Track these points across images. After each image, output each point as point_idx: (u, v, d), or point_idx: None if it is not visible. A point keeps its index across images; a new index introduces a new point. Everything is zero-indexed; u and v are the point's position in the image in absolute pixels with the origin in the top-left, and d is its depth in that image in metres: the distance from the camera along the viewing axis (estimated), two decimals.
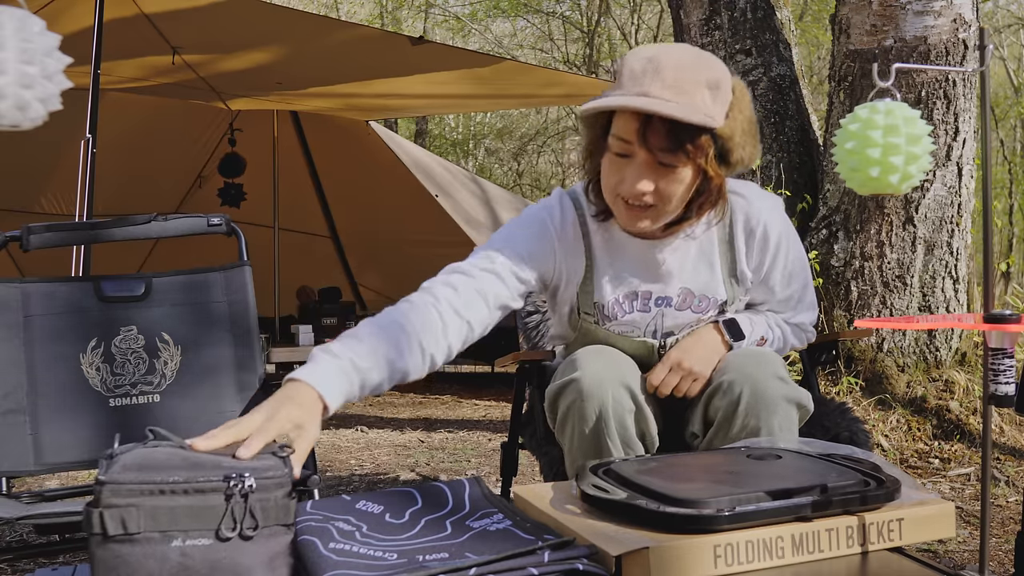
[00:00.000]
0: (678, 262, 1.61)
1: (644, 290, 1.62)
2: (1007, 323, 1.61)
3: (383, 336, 1.37)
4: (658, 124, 1.39)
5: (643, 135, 1.41)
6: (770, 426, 1.49)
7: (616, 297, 1.62)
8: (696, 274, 1.62)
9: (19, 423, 1.85)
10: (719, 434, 1.54)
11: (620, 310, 1.63)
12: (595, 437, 1.52)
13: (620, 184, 1.47)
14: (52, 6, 4.16)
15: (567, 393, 1.54)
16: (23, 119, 1.12)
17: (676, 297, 1.63)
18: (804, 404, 1.54)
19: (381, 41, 5.18)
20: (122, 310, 1.97)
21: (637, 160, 1.44)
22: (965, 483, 3.06)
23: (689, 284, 1.62)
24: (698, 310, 1.64)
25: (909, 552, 1.12)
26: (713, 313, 1.65)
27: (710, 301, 1.64)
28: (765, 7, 4.07)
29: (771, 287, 1.69)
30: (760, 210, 1.62)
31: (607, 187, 1.51)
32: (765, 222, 1.62)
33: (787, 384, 1.52)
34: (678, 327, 1.65)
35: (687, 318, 1.64)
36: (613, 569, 1.03)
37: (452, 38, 15.27)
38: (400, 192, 6.73)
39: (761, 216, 1.62)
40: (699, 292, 1.62)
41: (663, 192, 1.45)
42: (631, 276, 1.62)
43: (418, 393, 6.43)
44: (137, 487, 1.03)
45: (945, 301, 3.53)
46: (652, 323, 1.64)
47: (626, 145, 1.43)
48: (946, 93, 3.42)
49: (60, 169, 6.14)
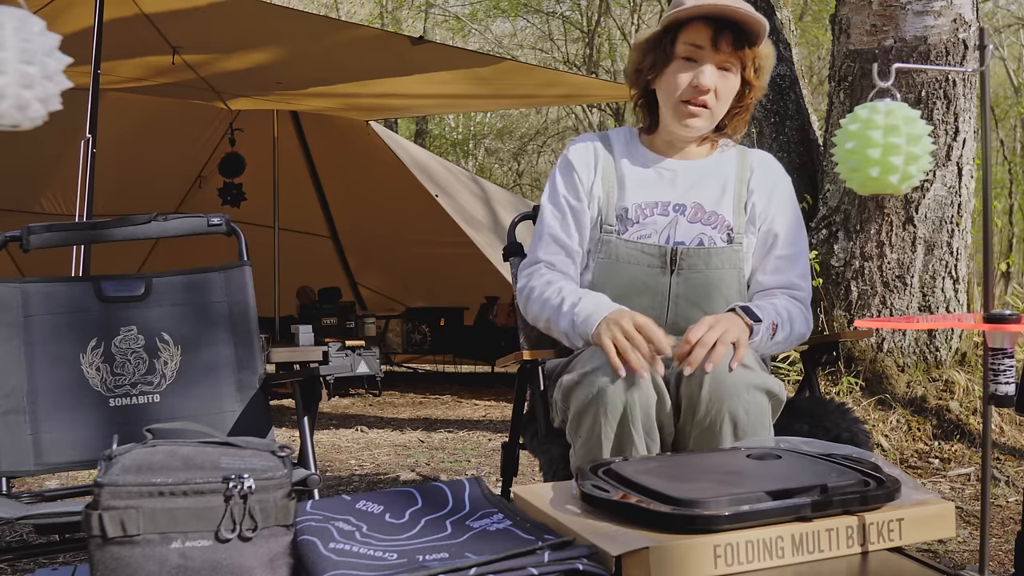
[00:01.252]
0: (694, 179, 1.82)
1: (664, 200, 1.80)
2: (1007, 323, 1.61)
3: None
4: (727, 32, 1.70)
5: (715, 40, 1.70)
6: (735, 413, 1.49)
7: (639, 203, 1.80)
8: (709, 192, 1.81)
9: (19, 423, 1.85)
10: (688, 421, 1.55)
11: (642, 214, 1.79)
12: (621, 426, 1.51)
13: (688, 84, 1.73)
14: (52, 6, 4.16)
15: (588, 382, 1.52)
16: (23, 119, 1.12)
17: (690, 207, 1.79)
18: (773, 391, 1.55)
19: (381, 41, 5.18)
20: (122, 310, 1.97)
21: (705, 63, 1.72)
22: (965, 483, 3.06)
23: (702, 200, 1.80)
24: (708, 223, 1.78)
25: (909, 552, 1.12)
26: (721, 234, 1.77)
27: (719, 219, 1.79)
28: (765, 7, 4.07)
29: (775, 234, 1.81)
30: (776, 167, 1.89)
31: (672, 90, 1.75)
32: (778, 175, 1.87)
33: (749, 371, 1.52)
34: (688, 237, 1.77)
35: (697, 229, 1.78)
36: (613, 569, 1.03)
37: (452, 38, 15.27)
38: (400, 192, 6.73)
39: (776, 170, 1.88)
40: (710, 208, 1.80)
41: (721, 92, 1.75)
42: (653, 186, 1.82)
43: (418, 393, 6.44)
44: (136, 489, 1.03)
45: (945, 301, 3.53)
46: (667, 229, 1.78)
47: (697, 51, 1.72)
48: (946, 93, 3.42)
49: (60, 169, 6.14)
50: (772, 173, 1.87)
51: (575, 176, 1.84)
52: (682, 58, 1.73)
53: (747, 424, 1.49)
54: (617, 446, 1.52)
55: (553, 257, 1.83)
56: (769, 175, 1.86)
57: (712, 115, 1.77)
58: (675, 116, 1.77)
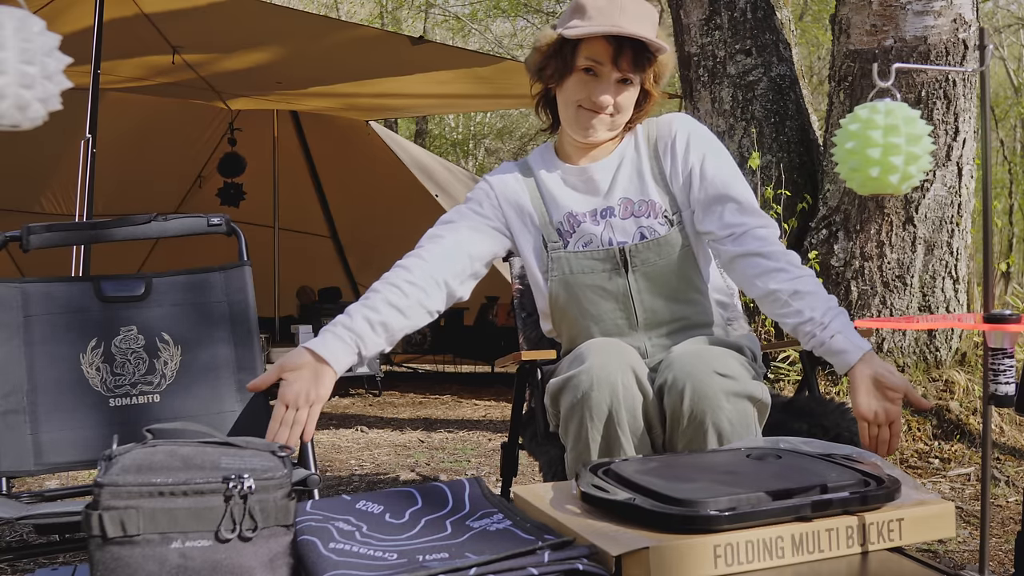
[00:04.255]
0: (611, 177, 1.80)
1: (591, 208, 1.79)
2: (1007, 323, 1.61)
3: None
4: (628, 49, 1.68)
5: (615, 57, 1.69)
6: (718, 423, 1.49)
7: (570, 212, 1.79)
8: (630, 184, 1.79)
9: (19, 423, 1.85)
10: (674, 431, 1.55)
11: (574, 221, 1.78)
12: (607, 428, 1.51)
13: (587, 97, 1.72)
14: (52, 6, 4.16)
15: (574, 384, 1.53)
16: (23, 119, 1.12)
17: (618, 207, 1.77)
18: (756, 396, 1.54)
19: (381, 41, 5.19)
20: (122, 310, 1.97)
21: (604, 78, 1.71)
22: (965, 483, 3.06)
23: (627, 193, 1.78)
24: (640, 214, 1.76)
25: (909, 552, 1.12)
26: (659, 220, 1.74)
27: (649, 204, 1.76)
28: (765, 7, 4.07)
29: (714, 183, 1.73)
30: (671, 120, 1.84)
31: (571, 101, 1.75)
32: (674, 125, 1.82)
33: (729, 379, 1.52)
34: (628, 235, 1.75)
35: (632, 225, 1.76)
36: (613, 569, 1.03)
37: (452, 38, 15.27)
38: (400, 192, 6.73)
39: (672, 123, 1.83)
40: (637, 198, 1.78)
41: (620, 104, 1.74)
42: (577, 196, 1.80)
43: (418, 393, 6.44)
44: (136, 489, 1.03)
45: (945, 301, 3.53)
46: (605, 232, 1.76)
47: (597, 66, 1.70)
48: (946, 93, 3.42)
49: (60, 169, 6.14)
50: (670, 128, 1.82)
51: (486, 193, 1.83)
52: (582, 69, 1.72)
53: (731, 434, 1.49)
54: (605, 449, 1.52)
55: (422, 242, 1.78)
56: (667, 130, 1.81)
57: (614, 122, 1.76)
58: (576, 123, 1.76)
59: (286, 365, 1.52)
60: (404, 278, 1.67)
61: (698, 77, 4.08)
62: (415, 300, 1.66)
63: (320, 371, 1.52)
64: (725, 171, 1.75)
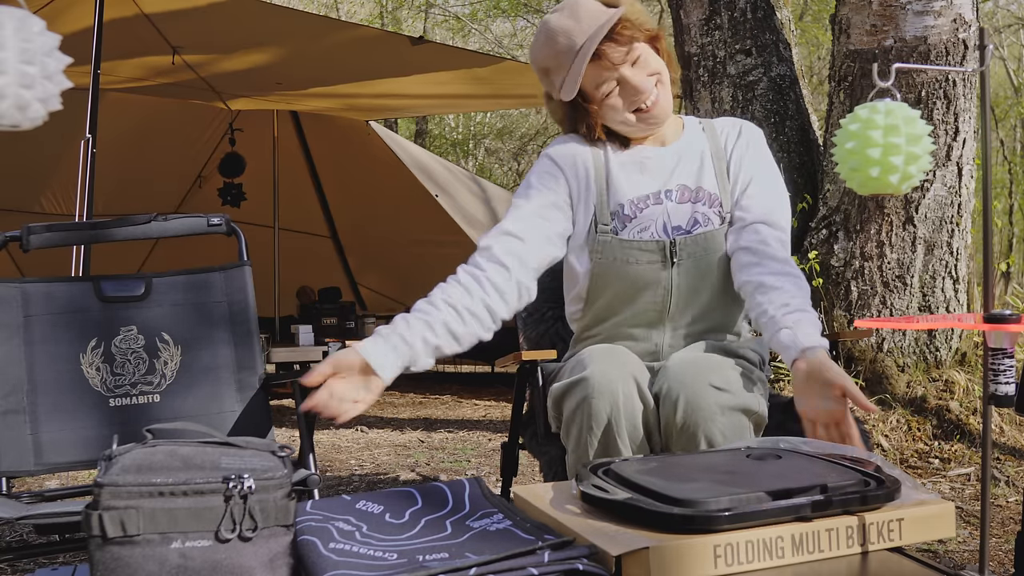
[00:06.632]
0: (672, 163, 1.80)
1: (654, 191, 1.77)
2: (1007, 323, 1.61)
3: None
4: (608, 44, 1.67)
5: (611, 59, 1.69)
6: (710, 436, 1.50)
7: (632, 198, 1.76)
8: (689, 171, 1.79)
9: (19, 423, 1.85)
10: (667, 440, 1.56)
11: (635, 208, 1.76)
12: (605, 436, 1.52)
13: (630, 103, 1.72)
14: (52, 6, 4.16)
15: (575, 391, 1.54)
16: (23, 119, 1.12)
17: (675, 191, 1.77)
18: (752, 409, 1.54)
19: (381, 41, 5.18)
20: (122, 310, 1.97)
21: (623, 78, 1.71)
22: (965, 483, 3.06)
23: (685, 180, 1.78)
24: (696, 200, 1.76)
25: (909, 552, 1.12)
26: (714, 210, 1.75)
27: (705, 193, 1.77)
28: (765, 7, 4.07)
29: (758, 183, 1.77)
30: (739, 121, 1.87)
31: (622, 118, 1.74)
32: (743, 125, 1.86)
33: (724, 392, 1.52)
34: (683, 219, 1.75)
35: (687, 210, 1.76)
36: (613, 569, 1.03)
37: (452, 38, 15.26)
38: (400, 192, 6.73)
39: (739, 123, 1.86)
40: (694, 186, 1.78)
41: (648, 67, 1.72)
42: (640, 178, 1.78)
43: (418, 393, 6.43)
44: (136, 489, 1.03)
45: (945, 301, 3.53)
46: (661, 217, 1.75)
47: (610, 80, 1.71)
48: (946, 93, 3.42)
49: (60, 169, 6.14)
50: (738, 128, 1.85)
51: (553, 173, 1.79)
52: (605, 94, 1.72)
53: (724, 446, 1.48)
54: (603, 456, 1.52)
55: (492, 240, 1.71)
56: (734, 131, 1.84)
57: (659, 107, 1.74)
58: (633, 132, 1.77)
59: (341, 363, 1.48)
60: (466, 305, 1.61)
61: (698, 77, 4.07)
62: (471, 329, 1.60)
63: (371, 382, 1.50)
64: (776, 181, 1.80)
